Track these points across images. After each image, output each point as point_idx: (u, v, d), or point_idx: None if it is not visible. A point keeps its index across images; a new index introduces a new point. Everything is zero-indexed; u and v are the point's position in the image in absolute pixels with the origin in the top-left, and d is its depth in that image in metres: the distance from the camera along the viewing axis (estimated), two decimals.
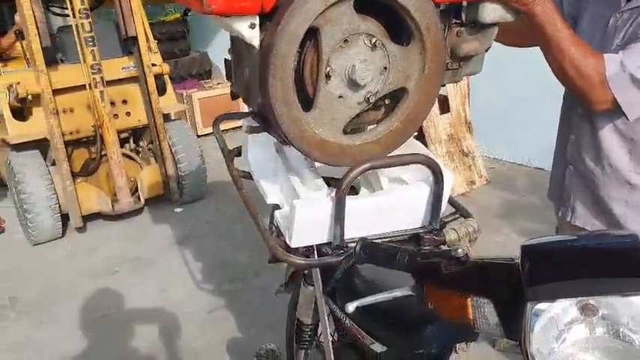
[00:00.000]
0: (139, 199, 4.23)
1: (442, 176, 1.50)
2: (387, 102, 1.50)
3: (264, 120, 1.51)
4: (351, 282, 1.54)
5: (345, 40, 1.35)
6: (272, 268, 3.25)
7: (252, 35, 1.34)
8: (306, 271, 1.78)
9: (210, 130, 6.11)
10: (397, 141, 1.54)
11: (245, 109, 5.89)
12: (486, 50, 1.58)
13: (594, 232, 1.01)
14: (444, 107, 4.49)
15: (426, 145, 4.00)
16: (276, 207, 1.67)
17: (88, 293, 3.38)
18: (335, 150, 1.45)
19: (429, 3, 1.38)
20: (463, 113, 4.55)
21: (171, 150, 4.29)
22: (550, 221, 3.67)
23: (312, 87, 1.39)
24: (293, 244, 1.51)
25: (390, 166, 1.55)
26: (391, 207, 1.55)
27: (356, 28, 1.35)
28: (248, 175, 1.84)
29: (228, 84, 1.79)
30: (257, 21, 1.33)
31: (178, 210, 4.43)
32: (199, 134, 5.99)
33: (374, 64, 1.38)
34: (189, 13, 1.76)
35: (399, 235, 1.56)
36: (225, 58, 1.68)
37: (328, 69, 1.36)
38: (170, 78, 4.50)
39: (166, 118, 4.35)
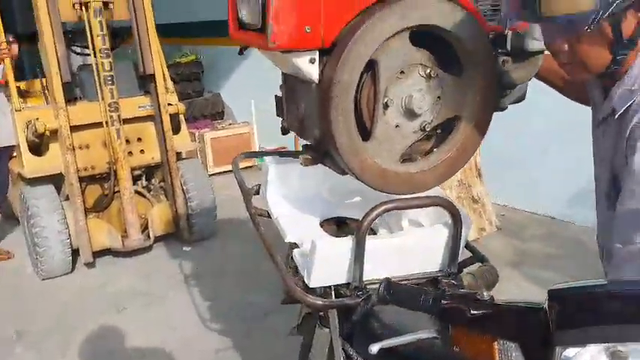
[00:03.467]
0: (149, 236, 4.24)
1: (461, 220, 1.52)
2: (439, 131, 1.54)
3: (320, 152, 1.55)
4: (369, 325, 1.53)
5: (402, 72, 1.41)
6: (283, 309, 3.23)
7: (312, 70, 1.40)
8: (321, 313, 1.77)
9: (220, 169, 6.17)
10: (452, 170, 1.58)
11: (264, 147, 5.88)
12: (529, 79, 1.61)
13: (623, 278, 1.01)
14: None
15: None
16: (294, 246, 1.68)
17: (96, 329, 3.35)
18: (394, 179, 1.49)
19: (483, 34, 1.43)
20: (473, 159, 4.58)
21: (182, 188, 4.32)
22: (561, 270, 3.67)
23: (370, 117, 1.44)
24: (312, 284, 1.51)
25: (410, 208, 1.57)
26: (410, 249, 1.56)
27: (412, 60, 1.41)
28: (266, 214, 1.86)
29: (240, 124, 1.85)
30: (317, 56, 1.39)
31: (187, 249, 4.43)
32: (210, 173, 6.04)
33: (429, 94, 1.44)
34: (244, 52, 1.82)
35: (416, 278, 1.57)
36: (275, 95, 1.73)
37: (386, 99, 1.42)
38: (184, 118, 4.58)
39: (179, 156, 4.40)
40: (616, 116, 1.30)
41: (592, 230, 1.62)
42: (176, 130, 4.35)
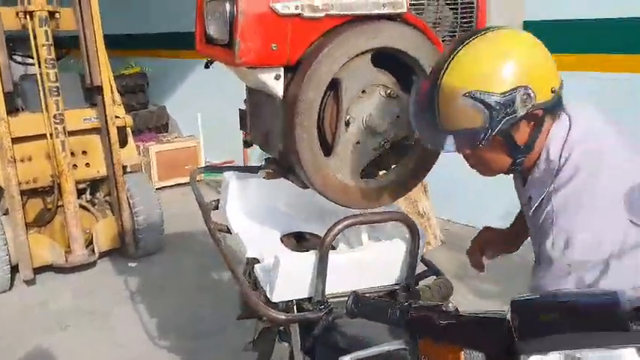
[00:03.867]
0: (94, 251, 4.13)
1: (419, 234, 1.58)
2: (399, 148, 1.60)
3: (283, 167, 1.58)
4: (331, 338, 1.56)
5: (364, 91, 1.47)
6: (234, 325, 3.21)
7: (277, 86, 1.44)
8: (282, 327, 1.79)
9: (166, 183, 6.08)
10: (409, 186, 1.63)
11: (210, 161, 5.83)
12: None
13: (579, 289, 1.08)
14: None
15: None
16: (255, 261, 1.70)
17: (38, 348, 3.23)
18: (354, 194, 1.53)
19: (438, 54, 1.51)
20: None
21: (129, 202, 4.23)
22: (503, 282, 3.80)
23: (332, 134, 1.48)
24: (274, 299, 1.53)
25: (372, 223, 1.62)
26: (370, 263, 1.61)
27: (374, 80, 1.47)
28: (225, 229, 1.87)
29: (186, 138, 1.87)
30: (282, 73, 1.43)
31: (133, 264, 4.33)
32: (155, 187, 5.93)
33: (389, 113, 1.50)
34: (210, 66, 1.82)
35: (375, 292, 1.62)
36: (239, 109, 1.75)
37: (348, 117, 1.47)
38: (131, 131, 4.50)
39: (125, 170, 4.31)
40: (532, 208, 1.35)
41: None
42: (122, 143, 4.27)
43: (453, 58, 1.22)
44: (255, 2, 1.37)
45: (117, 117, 4.13)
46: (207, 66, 1.72)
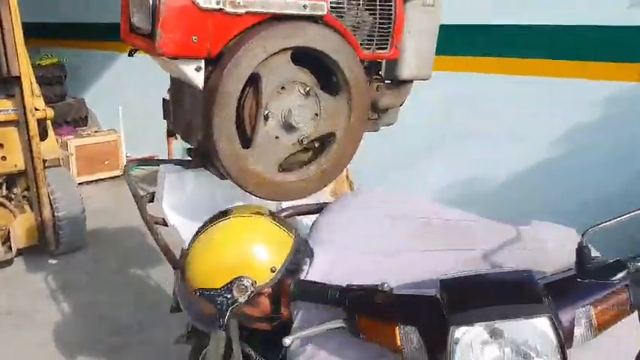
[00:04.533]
0: (11, 248, 3.97)
1: None
2: (317, 145, 1.67)
3: (203, 157, 1.62)
4: None
5: (283, 87, 1.53)
6: (158, 321, 3.21)
7: (197, 77, 1.48)
8: None
9: (86, 178, 5.89)
10: (326, 180, 1.71)
11: (131, 156, 5.73)
12: (400, 105, 1.81)
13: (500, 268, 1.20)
14: None
15: None
16: None
17: None
18: (271, 186, 1.59)
19: (357, 60, 1.59)
20: (345, 171, 4.83)
21: (49, 197, 4.09)
22: None
23: (251, 127, 1.54)
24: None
25: (309, 214, 1.70)
26: None
27: (293, 77, 1.53)
28: (162, 221, 1.88)
29: (106, 132, 1.89)
30: (203, 64, 1.47)
31: (53, 261, 4.20)
32: None
33: (307, 110, 1.57)
34: (133, 54, 1.79)
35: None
36: (163, 98, 1.77)
37: (267, 111, 1.52)
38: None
39: (44, 164, 4.17)
40: None
41: None
42: (42, 136, 4.12)
43: (187, 255, 1.36)
44: None
45: (37, 109, 3.98)
46: (130, 54, 1.74)
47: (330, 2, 1.56)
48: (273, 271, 1.30)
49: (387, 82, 1.83)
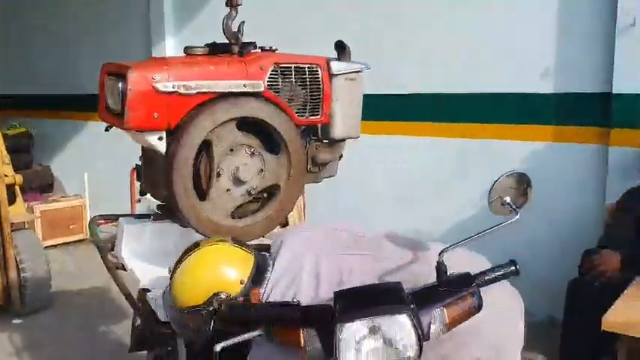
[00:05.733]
0: None
1: None
2: (264, 196, 2.00)
3: (168, 210, 1.94)
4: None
5: (232, 149, 1.88)
6: None
7: (160, 145, 1.84)
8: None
9: (50, 242, 6.05)
10: (271, 225, 2.04)
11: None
12: (339, 158, 2.17)
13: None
14: None
15: None
16: (147, 290, 2.02)
17: None
18: (225, 231, 1.91)
19: (292, 125, 1.97)
20: (299, 215, 5.15)
21: (16, 259, 4.29)
22: None
23: (207, 183, 1.87)
24: (163, 319, 1.87)
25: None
26: None
27: (239, 141, 1.90)
28: (121, 266, 2.17)
29: (71, 197, 2.23)
30: (164, 135, 1.83)
31: (17, 321, 4.34)
32: None
33: (253, 167, 1.93)
34: (109, 129, 2.09)
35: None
36: (136, 163, 2.11)
37: (218, 169, 1.87)
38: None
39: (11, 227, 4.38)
40: None
41: None
42: (11, 200, 4.36)
43: (172, 284, 1.64)
44: (141, 82, 1.78)
45: (5, 175, 4.24)
46: (107, 129, 2.08)
47: (268, 81, 1.94)
48: (242, 283, 1.57)
49: (324, 141, 2.19)
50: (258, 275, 1.63)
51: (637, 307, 2.47)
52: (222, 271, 1.61)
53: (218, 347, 1.43)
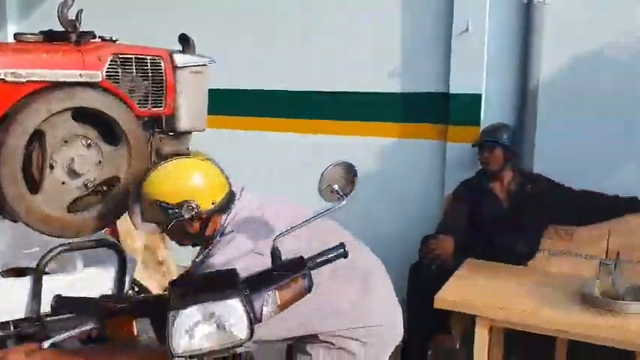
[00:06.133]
0: None
1: (126, 259, 1.96)
2: (104, 189, 1.94)
3: None
4: None
5: (66, 141, 1.80)
6: None
7: None
8: None
9: None
10: (108, 218, 1.98)
11: None
12: (186, 151, 2.14)
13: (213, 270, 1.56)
14: None
15: None
16: None
17: None
18: (59, 224, 1.82)
19: (132, 116, 1.92)
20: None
21: None
22: None
23: (39, 175, 1.78)
24: None
25: (84, 248, 1.94)
26: (83, 286, 1.92)
27: (74, 132, 1.83)
28: None
29: None
30: None
31: None
32: None
33: (90, 159, 1.86)
34: None
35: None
36: None
37: (52, 161, 1.78)
38: None
39: None
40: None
41: None
42: None
43: (150, 174, 1.78)
44: None
45: None
46: None
47: (106, 71, 1.88)
48: (213, 204, 1.74)
49: (169, 133, 2.17)
50: (227, 204, 1.77)
51: (466, 286, 2.73)
52: (202, 183, 1.76)
53: (46, 344, 1.39)
